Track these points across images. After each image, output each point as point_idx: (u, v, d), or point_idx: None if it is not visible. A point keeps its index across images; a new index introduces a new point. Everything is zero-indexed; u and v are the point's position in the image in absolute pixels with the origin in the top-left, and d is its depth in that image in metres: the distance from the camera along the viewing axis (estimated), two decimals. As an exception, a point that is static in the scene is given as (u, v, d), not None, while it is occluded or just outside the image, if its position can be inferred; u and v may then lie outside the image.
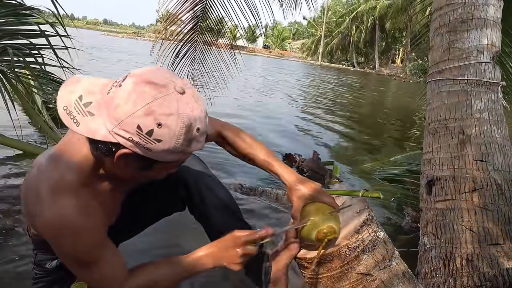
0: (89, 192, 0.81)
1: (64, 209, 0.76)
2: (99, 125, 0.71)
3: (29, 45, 2.21)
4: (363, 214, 1.03)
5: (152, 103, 0.69)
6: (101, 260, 0.84)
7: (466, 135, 1.57)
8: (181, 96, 0.72)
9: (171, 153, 0.74)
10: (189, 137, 0.74)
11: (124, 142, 0.71)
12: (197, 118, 0.74)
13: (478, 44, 1.63)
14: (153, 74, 0.73)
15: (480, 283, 1.35)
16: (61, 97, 0.74)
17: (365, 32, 37.75)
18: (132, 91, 0.70)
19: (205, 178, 1.08)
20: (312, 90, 12.76)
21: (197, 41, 4.27)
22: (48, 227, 0.76)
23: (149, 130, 0.70)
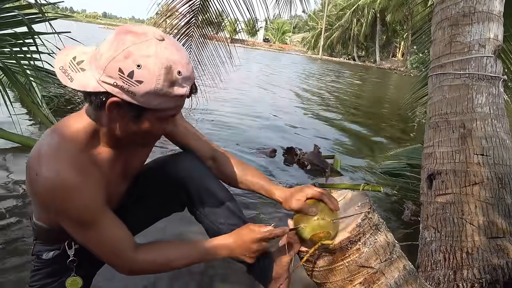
0: (88, 157, 0.85)
1: (62, 169, 0.79)
2: (90, 77, 0.77)
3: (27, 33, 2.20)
4: (364, 207, 1.03)
5: (131, 47, 0.74)
6: (101, 222, 0.86)
7: (467, 129, 1.57)
8: (160, 42, 0.77)
9: (155, 96, 0.76)
10: (170, 79, 0.76)
11: (111, 89, 0.75)
12: (177, 62, 0.77)
13: (480, 38, 1.63)
14: (134, 26, 0.79)
15: (480, 275, 1.36)
16: (58, 59, 0.80)
17: (365, 26, 37.56)
18: (113, 40, 0.76)
19: (205, 181, 1.07)
20: (312, 83, 12.73)
21: (194, 35, 4.25)
22: (48, 186, 0.79)
23: (130, 72, 0.74)
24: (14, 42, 2.20)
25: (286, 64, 22.97)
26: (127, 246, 0.90)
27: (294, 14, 46.14)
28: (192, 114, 5.16)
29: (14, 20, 2.28)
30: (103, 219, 0.86)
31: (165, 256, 0.94)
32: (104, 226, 0.87)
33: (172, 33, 4.14)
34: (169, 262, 0.95)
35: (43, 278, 1.04)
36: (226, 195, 1.09)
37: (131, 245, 0.91)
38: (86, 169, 0.83)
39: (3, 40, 2.23)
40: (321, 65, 26.28)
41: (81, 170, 0.82)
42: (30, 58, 2.29)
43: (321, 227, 0.96)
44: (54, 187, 0.79)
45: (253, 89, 9.10)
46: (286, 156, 3.83)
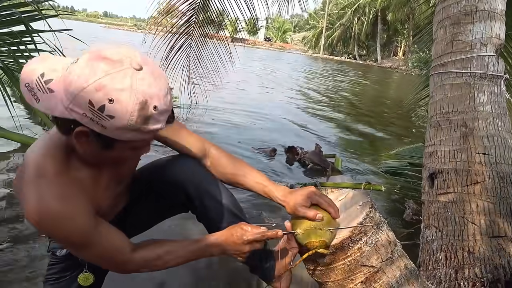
0: (68, 179, 0.81)
1: (43, 199, 0.76)
2: (57, 101, 0.71)
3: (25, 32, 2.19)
4: (365, 206, 1.03)
5: (103, 78, 0.68)
6: (94, 240, 0.85)
7: (469, 128, 1.57)
8: (136, 72, 0.70)
9: (127, 131, 0.72)
10: (144, 115, 0.71)
11: (79, 118, 0.70)
12: (154, 95, 0.71)
13: (482, 36, 1.62)
14: (110, 50, 0.72)
15: (482, 274, 1.36)
16: (24, 74, 0.73)
17: (367, 24, 37.49)
18: (85, 66, 0.69)
19: (205, 184, 1.06)
20: (313, 82, 12.72)
21: (194, 34, 4.25)
22: (32, 217, 0.77)
23: (100, 106, 0.68)
24: (12, 41, 2.20)
25: (286, 63, 22.95)
26: (123, 252, 0.91)
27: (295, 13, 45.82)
28: (192, 113, 5.16)
29: (12, 18, 2.27)
30: (94, 236, 0.85)
31: (159, 255, 0.94)
32: (96, 242, 0.86)
33: (172, 32, 4.14)
34: (163, 263, 0.95)
35: (58, 272, 1.07)
36: (226, 197, 1.07)
37: (126, 250, 0.91)
38: (68, 192, 0.80)
39: (2, 39, 2.23)
40: (322, 64, 26.26)
41: (63, 195, 0.78)
42: (28, 57, 2.28)
43: (317, 235, 0.95)
44: (40, 219, 0.77)
45: (253, 88, 9.09)
46: (287, 155, 3.83)
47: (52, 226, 0.78)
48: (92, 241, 0.84)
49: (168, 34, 4.12)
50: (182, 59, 4.33)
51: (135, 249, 0.92)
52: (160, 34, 4.06)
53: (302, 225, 0.97)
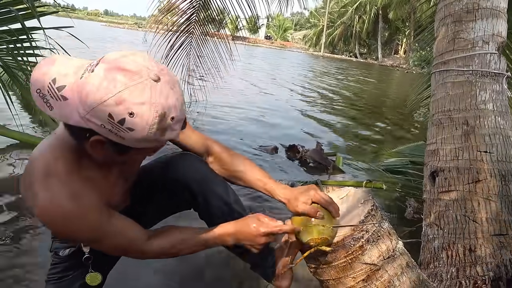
0: (79, 177, 0.82)
1: (54, 198, 0.77)
2: (72, 110, 0.70)
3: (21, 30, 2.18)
4: (367, 204, 1.03)
5: (123, 91, 0.67)
6: (108, 233, 0.86)
7: (471, 126, 1.57)
8: (155, 84, 0.70)
9: (144, 141, 0.73)
10: (163, 126, 0.72)
11: (96, 129, 0.70)
12: (172, 107, 0.72)
13: (484, 34, 1.62)
14: (126, 59, 0.70)
15: (483, 273, 1.36)
16: (34, 79, 0.72)
17: (368, 23, 37.40)
18: (103, 78, 0.68)
19: (209, 182, 1.06)
20: (315, 81, 12.71)
21: (194, 32, 4.24)
22: (44, 216, 0.78)
23: (120, 119, 0.68)
24: (9, 39, 2.19)
25: (286, 61, 22.92)
26: (138, 242, 0.92)
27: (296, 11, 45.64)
28: (193, 111, 5.16)
29: (11, 16, 2.27)
30: (108, 229, 0.86)
31: (173, 244, 0.96)
32: (111, 235, 0.87)
33: (172, 30, 4.13)
34: (178, 250, 0.97)
35: (60, 272, 1.07)
36: (230, 196, 1.08)
37: (141, 240, 0.93)
38: (79, 191, 0.80)
39: (1, 37, 2.22)
40: (323, 62, 26.22)
41: (74, 194, 0.79)
42: (24, 54, 2.28)
43: (319, 232, 0.95)
44: (52, 219, 0.78)
45: (254, 86, 9.09)
46: (288, 153, 3.82)
47: (64, 224, 0.79)
48: (106, 235, 0.86)
49: (168, 33, 4.11)
50: (183, 58, 4.33)
51: (150, 238, 0.94)
52: (161, 33, 4.05)
53: (303, 223, 0.97)
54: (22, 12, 2.27)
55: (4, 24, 2.26)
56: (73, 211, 0.78)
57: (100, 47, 13.56)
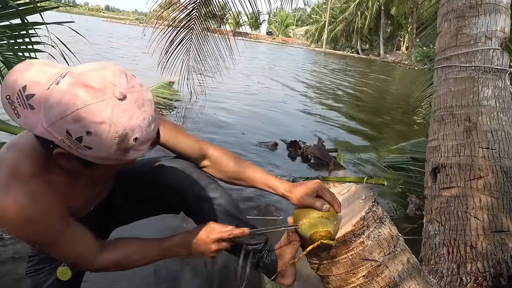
0: (42, 181, 0.79)
1: (15, 196, 0.75)
2: (37, 120, 0.68)
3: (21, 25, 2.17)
4: (368, 200, 1.03)
5: (82, 109, 0.65)
6: (61, 241, 0.85)
7: (473, 122, 1.56)
8: (118, 102, 0.67)
9: (106, 160, 0.71)
10: (125, 147, 0.69)
11: (57, 142, 0.68)
12: (135, 127, 0.69)
13: (487, 30, 1.60)
14: (92, 74, 0.68)
15: (484, 269, 1.36)
16: (6, 84, 0.70)
17: (370, 18, 37.22)
18: (65, 93, 0.65)
19: (202, 187, 1.05)
20: (316, 77, 12.67)
21: (195, 28, 4.23)
22: (2, 217, 0.76)
23: (78, 137, 0.66)
24: (10, 34, 2.19)
25: (288, 57, 22.86)
26: (88, 255, 0.92)
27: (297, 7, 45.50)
28: (194, 106, 5.16)
29: (12, 11, 2.26)
30: (62, 237, 0.85)
31: (126, 256, 0.96)
32: (62, 244, 0.86)
33: (173, 26, 4.12)
34: (130, 262, 0.97)
35: (37, 264, 1.07)
36: (224, 199, 1.07)
37: (92, 253, 0.92)
38: (40, 195, 0.77)
39: (1, 32, 2.22)
40: (325, 58, 26.15)
41: (34, 197, 0.77)
42: (25, 50, 2.28)
43: (323, 225, 0.95)
44: (8, 219, 0.76)
45: (255, 82, 9.07)
46: (289, 149, 3.82)
47: (18, 225, 0.77)
48: (57, 243, 0.85)
49: (169, 28, 4.10)
50: (183, 53, 4.32)
51: (102, 251, 0.93)
52: (161, 28, 4.04)
53: (307, 216, 0.97)
54: (22, 7, 2.26)
55: (5, 19, 2.25)
56: (30, 213, 0.76)
57: (102, 42, 13.55)
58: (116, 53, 11.49)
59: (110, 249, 0.95)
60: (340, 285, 1.04)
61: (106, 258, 0.94)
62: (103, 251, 0.94)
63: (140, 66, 8.77)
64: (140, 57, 10.40)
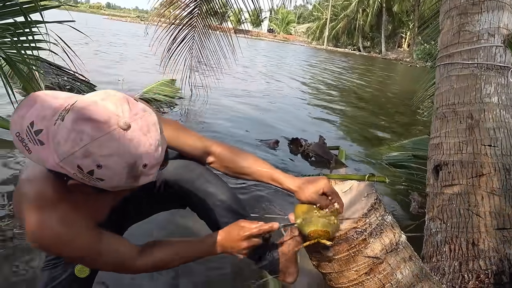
0: (67, 203, 0.82)
1: (44, 224, 0.78)
2: (48, 155, 0.70)
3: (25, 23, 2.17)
4: (370, 198, 1.03)
5: (90, 144, 0.66)
6: (99, 253, 0.87)
7: (475, 119, 1.56)
8: (124, 133, 0.68)
9: (118, 187, 0.73)
10: (134, 174, 0.71)
11: (71, 175, 0.71)
12: (143, 155, 0.70)
13: (489, 27, 1.60)
14: (95, 107, 0.68)
15: (486, 266, 1.36)
16: (13, 122, 0.72)
17: (371, 16, 37.11)
18: (71, 130, 0.67)
19: (204, 183, 1.06)
20: (317, 74, 12.65)
21: (197, 26, 4.22)
22: (35, 241, 0.79)
23: (89, 171, 0.68)
24: (13, 32, 2.19)
25: (289, 54, 22.83)
26: (129, 259, 0.94)
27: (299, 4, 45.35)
28: (196, 104, 5.16)
29: (15, 9, 2.26)
30: (101, 248, 0.87)
31: (163, 258, 0.98)
32: (103, 254, 0.88)
33: (175, 23, 4.11)
34: (166, 264, 1.00)
35: (55, 258, 1.08)
36: (227, 195, 1.08)
37: (132, 258, 0.95)
38: (69, 215, 0.81)
39: (4, 29, 2.22)
40: (326, 56, 26.09)
41: (64, 219, 0.80)
42: (28, 48, 2.28)
43: (324, 225, 0.95)
44: (43, 244, 0.79)
45: (256, 79, 9.06)
46: (291, 146, 3.82)
47: (56, 248, 0.81)
48: (99, 254, 0.87)
49: (171, 26, 4.10)
50: (185, 51, 4.32)
51: (140, 255, 0.96)
52: (163, 26, 4.04)
53: (308, 213, 0.97)
54: (25, 6, 2.26)
55: (6, 17, 2.25)
56: (63, 235, 0.79)
57: (104, 40, 13.55)
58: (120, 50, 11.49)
59: (148, 253, 0.97)
60: (341, 282, 1.04)
61: (145, 261, 0.96)
62: (141, 256, 0.96)
63: (144, 65, 8.77)
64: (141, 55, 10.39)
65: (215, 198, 1.06)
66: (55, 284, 1.06)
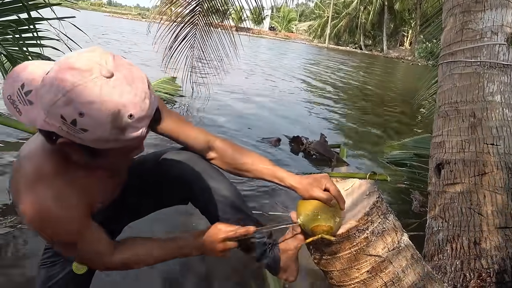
0: (64, 180, 0.81)
1: (38, 199, 0.78)
2: (37, 113, 0.70)
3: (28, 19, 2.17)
4: (372, 196, 1.02)
5: (71, 91, 0.65)
6: (80, 240, 0.87)
7: (478, 118, 1.55)
8: (107, 80, 0.67)
9: (105, 142, 0.70)
10: (119, 125, 0.68)
11: (57, 131, 0.69)
12: (127, 104, 0.68)
13: (493, 25, 1.59)
14: (78, 57, 0.68)
15: (488, 265, 1.35)
16: (6, 85, 0.72)
17: (373, 14, 37.01)
18: (54, 79, 0.66)
19: (208, 178, 1.05)
20: (319, 73, 12.63)
21: (198, 24, 4.21)
22: (29, 215, 0.78)
23: (72, 120, 0.66)
24: (15, 29, 2.18)
25: (291, 52, 22.79)
26: (102, 256, 0.93)
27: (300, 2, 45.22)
28: (197, 102, 5.15)
29: (17, 6, 2.26)
30: (84, 237, 0.87)
31: (137, 256, 0.97)
32: (85, 243, 0.88)
33: (176, 21, 4.11)
34: (141, 262, 0.98)
35: (52, 256, 1.08)
36: (229, 191, 1.07)
37: (106, 254, 0.94)
38: (63, 195, 0.81)
39: (6, 26, 2.21)
40: (327, 54, 26.04)
41: (58, 197, 0.79)
42: (29, 45, 2.28)
43: (325, 220, 0.95)
44: (33, 219, 0.78)
45: (258, 77, 9.05)
46: (292, 145, 3.82)
47: (44, 225, 0.80)
48: (78, 241, 0.86)
49: (172, 24, 4.09)
50: (187, 49, 4.31)
51: (115, 251, 0.95)
52: (165, 24, 4.03)
53: (311, 209, 0.97)
54: (31, 2, 2.26)
55: (8, 14, 2.25)
56: (54, 212, 0.79)
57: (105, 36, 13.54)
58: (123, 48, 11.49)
59: (123, 249, 0.96)
60: (343, 280, 1.04)
61: (119, 258, 0.95)
62: (115, 253, 0.95)
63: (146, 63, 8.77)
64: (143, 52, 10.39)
65: (217, 194, 1.05)
66: (52, 283, 1.06)
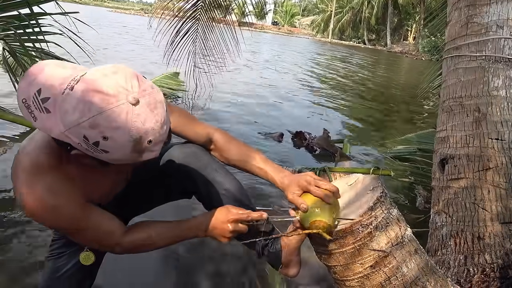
0: (62, 172, 0.83)
1: (37, 191, 0.79)
2: (54, 124, 0.71)
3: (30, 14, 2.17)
4: (376, 191, 1.02)
5: (98, 116, 0.67)
6: (86, 227, 0.88)
7: (482, 113, 1.54)
8: (132, 108, 0.69)
9: (121, 161, 0.74)
10: (139, 149, 0.73)
11: (75, 145, 0.72)
12: (149, 131, 0.72)
13: (498, 18, 1.57)
14: (105, 80, 0.69)
15: (492, 260, 1.35)
16: (21, 88, 0.72)
17: (377, 8, 36.71)
18: (80, 100, 0.68)
19: (211, 171, 1.06)
20: (322, 67, 12.58)
21: (200, 18, 4.19)
22: (27, 208, 0.80)
23: (95, 142, 0.69)
24: (18, 24, 2.19)
25: (293, 47, 22.70)
26: (112, 237, 0.94)
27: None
28: (200, 97, 5.15)
29: (19, 1, 2.26)
30: (83, 223, 0.88)
31: (148, 238, 0.98)
32: (86, 228, 0.89)
33: (178, 16, 4.09)
34: (151, 243, 0.99)
35: (59, 248, 1.09)
36: (233, 185, 1.08)
37: (116, 235, 0.94)
38: (59, 186, 0.82)
39: (9, 22, 2.22)
40: (331, 49, 25.92)
41: (53, 188, 0.81)
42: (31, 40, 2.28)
43: (322, 216, 0.95)
44: (32, 210, 0.80)
45: (259, 73, 9.02)
46: (295, 140, 3.81)
47: (43, 215, 0.81)
48: (81, 227, 0.88)
49: (174, 19, 4.07)
50: (189, 44, 4.30)
51: (126, 233, 0.96)
52: (167, 19, 4.01)
53: (309, 203, 0.96)
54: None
55: (11, 9, 2.25)
56: (50, 204, 0.80)
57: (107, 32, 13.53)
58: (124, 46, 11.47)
59: (134, 231, 0.97)
60: (346, 275, 1.04)
61: (130, 240, 0.96)
62: (126, 234, 0.96)
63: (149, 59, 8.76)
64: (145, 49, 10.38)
65: (222, 187, 1.06)
66: (59, 275, 1.07)
